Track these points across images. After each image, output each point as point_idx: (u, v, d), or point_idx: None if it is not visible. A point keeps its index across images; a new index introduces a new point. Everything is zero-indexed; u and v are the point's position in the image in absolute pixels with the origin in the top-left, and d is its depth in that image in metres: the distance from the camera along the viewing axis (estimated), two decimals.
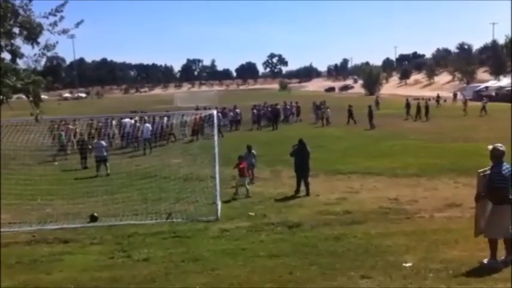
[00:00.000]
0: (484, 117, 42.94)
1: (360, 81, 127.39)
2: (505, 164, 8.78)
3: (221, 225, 13.00)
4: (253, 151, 18.94)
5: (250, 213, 14.06)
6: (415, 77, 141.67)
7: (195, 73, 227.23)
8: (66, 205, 15.63)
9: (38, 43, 7.81)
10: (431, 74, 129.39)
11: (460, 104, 53.82)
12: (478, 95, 65.66)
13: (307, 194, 16.31)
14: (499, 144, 8.93)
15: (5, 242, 12.18)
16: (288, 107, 48.15)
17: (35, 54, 7.86)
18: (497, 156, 8.82)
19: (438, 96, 62.26)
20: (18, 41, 7.79)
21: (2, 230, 13.38)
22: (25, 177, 18.33)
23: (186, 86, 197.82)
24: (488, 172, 8.88)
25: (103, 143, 23.39)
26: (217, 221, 13.43)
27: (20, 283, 9.35)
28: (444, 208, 13.85)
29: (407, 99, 47.29)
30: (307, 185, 16.52)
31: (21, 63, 7.82)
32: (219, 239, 11.82)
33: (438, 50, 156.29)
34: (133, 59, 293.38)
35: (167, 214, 14.43)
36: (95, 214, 14.23)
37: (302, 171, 16.64)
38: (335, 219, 13.10)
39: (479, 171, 9.10)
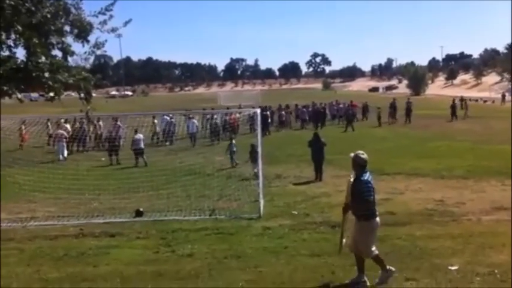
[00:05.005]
0: None
1: (405, 82, 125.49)
2: (368, 173, 8.18)
3: (264, 223, 13.02)
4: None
5: (293, 212, 14.04)
6: (462, 77, 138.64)
7: (238, 72, 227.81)
8: (113, 200, 15.96)
9: (88, 41, 7.97)
10: (478, 75, 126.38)
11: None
12: None
13: (320, 179, 18.91)
14: (361, 152, 8.30)
15: (54, 235, 12.55)
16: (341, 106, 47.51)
17: (85, 52, 8.04)
18: (360, 164, 8.19)
19: (462, 99, 58.73)
20: (69, 39, 7.97)
21: (50, 222, 13.85)
22: (73, 172, 18.90)
23: (229, 85, 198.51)
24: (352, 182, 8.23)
25: (141, 135, 24.59)
26: (259, 219, 13.45)
27: (67, 275, 9.57)
28: (492, 211, 13.49)
29: (393, 99, 46.42)
30: (320, 171, 19.25)
31: (70, 61, 8.01)
32: (262, 236, 11.86)
33: (486, 50, 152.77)
34: (178, 58, 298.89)
35: (210, 211, 14.55)
36: (141, 209, 14.48)
37: (317, 160, 19.46)
38: None
39: (350, 177, 8.41)
